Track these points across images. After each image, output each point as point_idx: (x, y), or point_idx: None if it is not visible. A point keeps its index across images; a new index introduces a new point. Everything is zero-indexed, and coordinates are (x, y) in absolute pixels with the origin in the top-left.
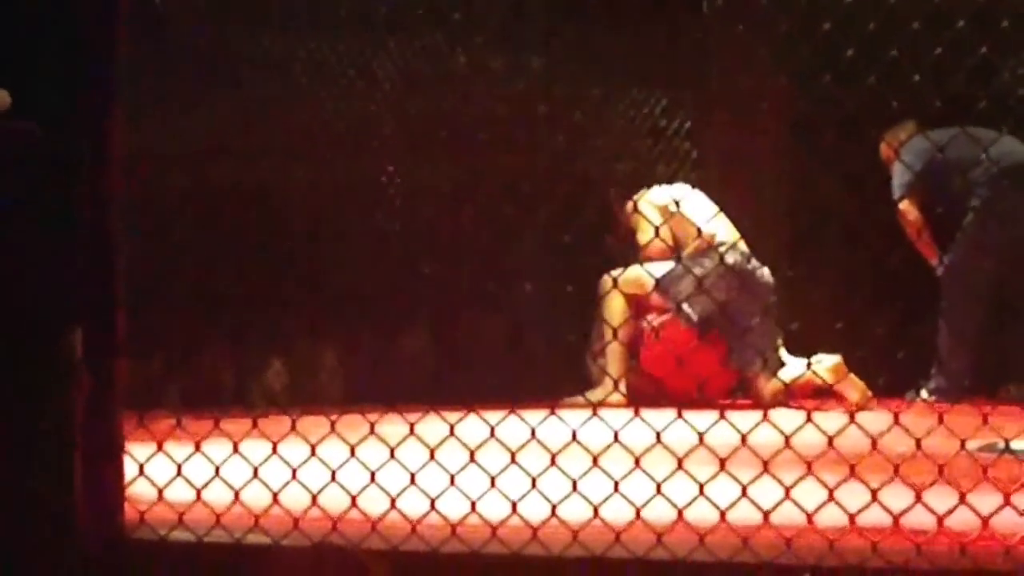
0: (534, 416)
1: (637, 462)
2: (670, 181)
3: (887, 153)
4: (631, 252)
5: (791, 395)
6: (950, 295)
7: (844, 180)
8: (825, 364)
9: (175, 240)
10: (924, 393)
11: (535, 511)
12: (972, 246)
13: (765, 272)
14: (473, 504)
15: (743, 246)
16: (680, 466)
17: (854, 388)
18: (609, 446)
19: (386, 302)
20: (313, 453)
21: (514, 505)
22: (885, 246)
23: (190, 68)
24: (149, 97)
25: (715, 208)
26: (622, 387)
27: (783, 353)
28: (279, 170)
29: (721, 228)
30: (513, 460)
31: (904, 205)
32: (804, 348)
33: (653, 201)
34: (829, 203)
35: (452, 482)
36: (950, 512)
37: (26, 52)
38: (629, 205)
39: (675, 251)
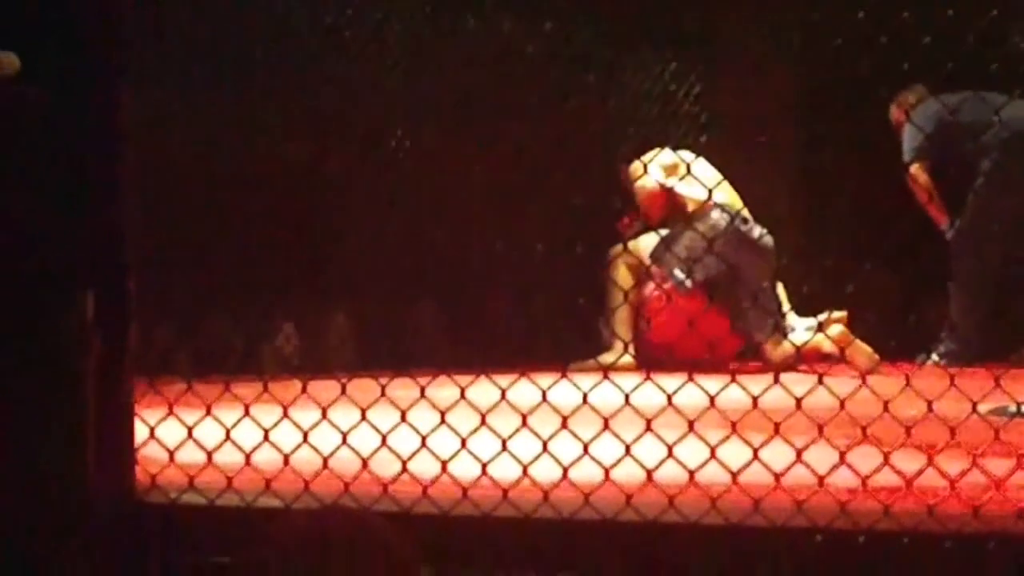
0: (545, 380)
1: (648, 425)
2: (675, 147)
3: (897, 116)
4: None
5: (800, 359)
6: (960, 259)
7: (854, 143)
8: (831, 332)
9: (184, 206)
10: (935, 357)
11: (546, 474)
12: (982, 210)
13: (766, 236)
14: (484, 467)
15: (744, 212)
16: (691, 429)
17: (860, 353)
18: (620, 409)
19: (396, 267)
20: (324, 416)
21: (525, 468)
22: (896, 210)
23: (200, 36)
24: (159, 64)
25: (718, 175)
26: (631, 350)
27: (792, 317)
28: (289, 136)
29: (721, 194)
30: (524, 423)
31: (914, 169)
32: (813, 312)
33: (660, 162)
34: (839, 167)
35: (463, 445)
36: (962, 475)
37: (36, 17)
38: (633, 167)
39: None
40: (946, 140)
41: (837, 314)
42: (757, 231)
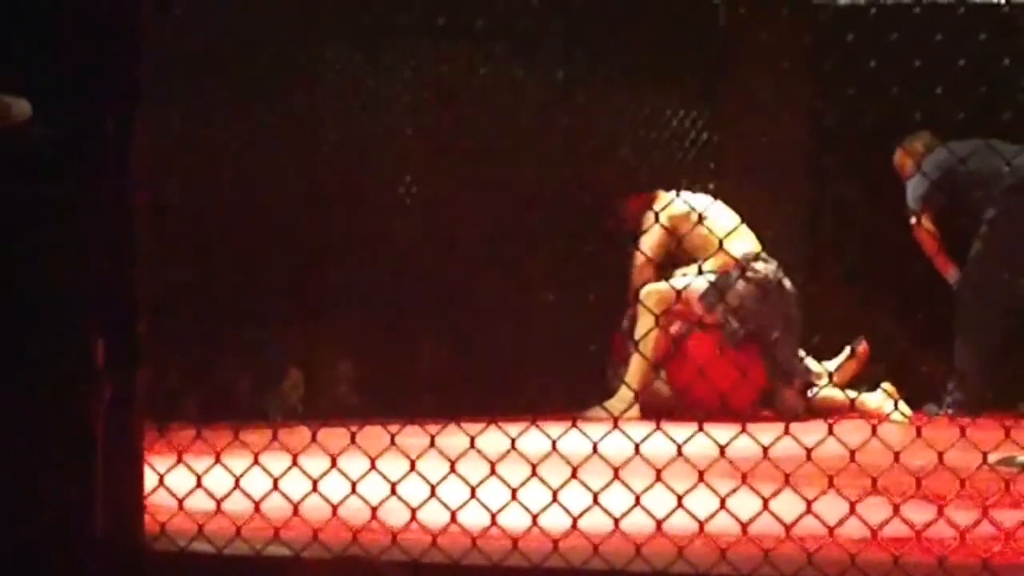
0: (554, 428)
1: (659, 475)
2: (690, 190)
3: (902, 162)
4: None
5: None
6: (967, 309)
7: (866, 190)
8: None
9: (190, 251)
10: (943, 407)
11: (555, 523)
12: (988, 258)
13: (789, 284)
14: (494, 516)
15: (766, 257)
16: (701, 479)
17: (896, 413)
18: (630, 459)
19: (404, 313)
20: (334, 465)
21: (535, 517)
22: (906, 257)
23: (206, 77)
24: (166, 107)
25: (736, 218)
26: (637, 400)
27: (811, 362)
28: (296, 180)
29: (745, 240)
30: (534, 473)
31: (917, 218)
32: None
33: (673, 212)
34: (850, 214)
35: (473, 494)
36: (973, 526)
37: (49, 60)
38: (650, 213)
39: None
40: (953, 188)
41: (857, 347)
42: (782, 276)
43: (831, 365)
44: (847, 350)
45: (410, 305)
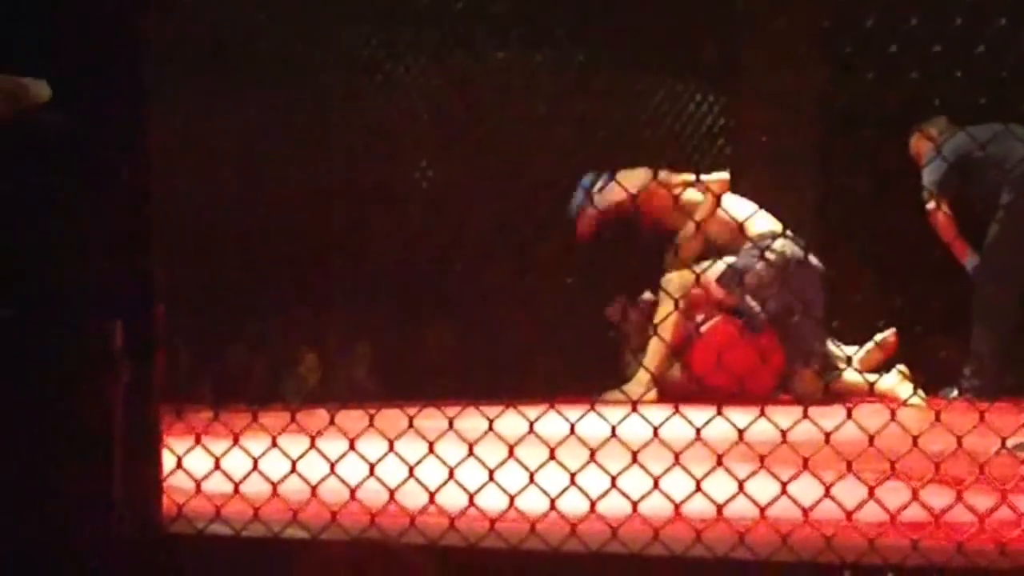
0: (572, 412)
1: (677, 459)
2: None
3: (918, 147)
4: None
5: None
6: (983, 294)
7: (880, 176)
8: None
9: (207, 233)
10: (956, 391)
11: (573, 507)
12: (1004, 244)
13: (814, 260)
14: (512, 499)
15: (789, 234)
16: (719, 463)
17: (907, 391)
18: (648, 443)
19: (420, 297)
20: (352, 447)
21: (553, 501)
22: (922, 242)
23: (219, 66)
24: (183, 95)
25: (753, 205)
26: (655, 385)
27: (833, 346)
28: (312, 167)
29: (765, 221)
30: (552, 456)
31: (933, 204)
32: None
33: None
34: (865, 199)
35: (491, 477)
36: (991, 511)
37: (64, 45)
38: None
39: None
40: (969, 173)
41: (882, 336)
42: (812, 256)
43: (859, 353)
44: (874, 340)
45: (426, 289)
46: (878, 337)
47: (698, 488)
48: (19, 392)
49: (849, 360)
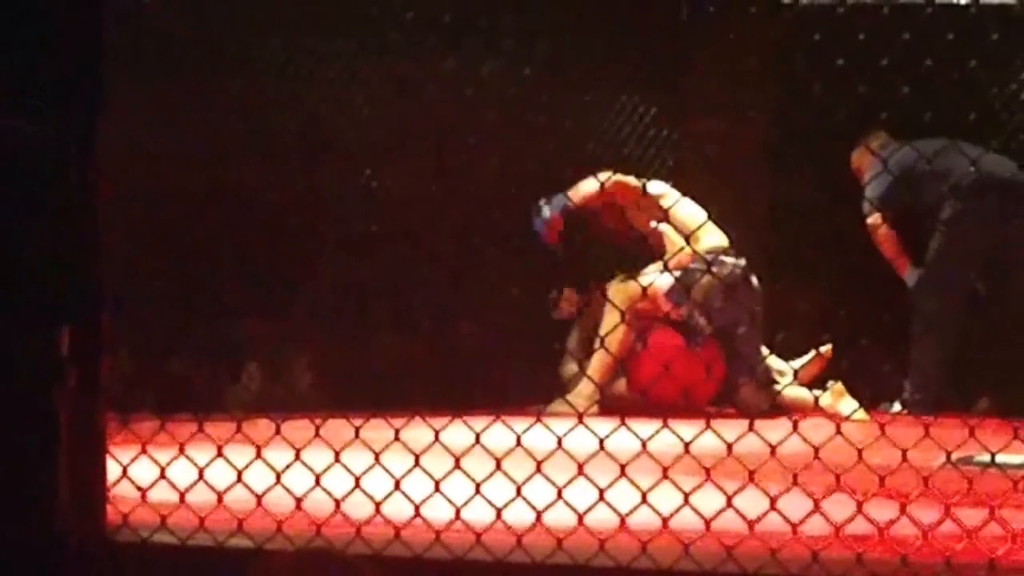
0: (518, 423)
1: (623, 471)
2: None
3: (858, 162)
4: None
5: (785, 409)
6: (923, 308)
7: (827, 190)
8: (829, 389)
9: (151, 241)
10: (897, 405)
11: (519, 518)
12: (944, 259)
13: (755, 279)
14: (458, 511)
15: (733, 253)
16: (665, 475)
17: (850, 410)
18: (594, 455)
19: (365, 307)
20: (297, 457)
21: (499, 512)
22: (865, 256)
23: (174, 66)
24: (133, 95)
25: (703, 214)
26: (598, 396)
27: (774, 360)
28: (260, 173)
29: (712, 234)
30: (498, 467)
31: (873, 219)
32: (788, 357)
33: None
34: (811, 213)
35: (437, 488)
36: (936, 525)
37: (12, 49)
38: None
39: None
40: (912, 187)
41: (822, 349)
42: (748, 272)
43: (795, 364)
44: (812, 352)
45: (371, 299)
46: (820, 349)
47: (644, 500)
48: None
49: (795, 373)
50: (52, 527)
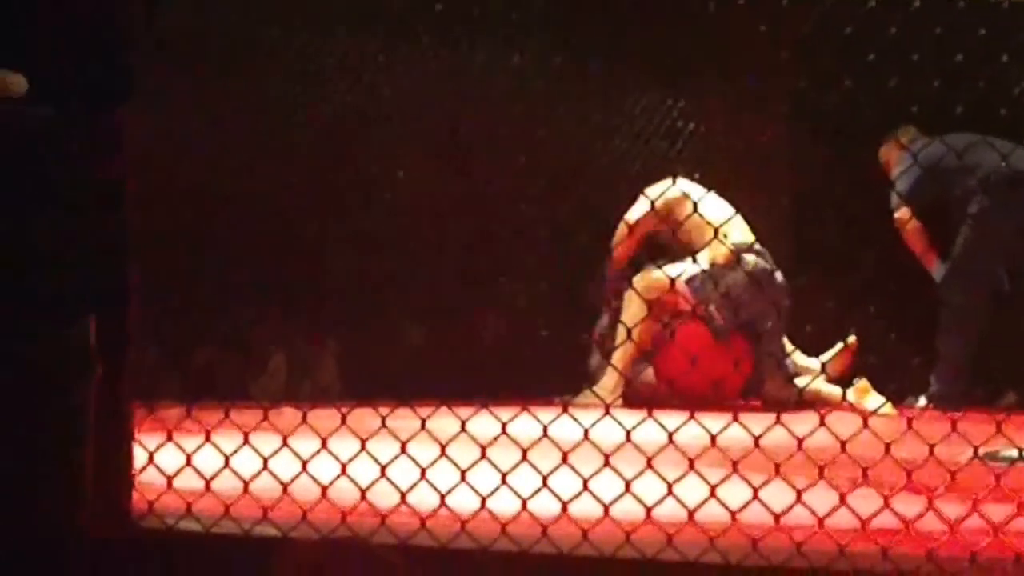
0: (545, 414)
1: (649, 462)
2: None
3: (887, 157)
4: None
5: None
6: (951, 303)
7: (853, 184)
8: (857, 385)
9: (176, 231)
10: (923, 400)
11: (545, 508)
12: (971, 254)
13: (780, 275)
14: (483, 500)
15: (759, 248)
16: (692, 467)
17: (876, 402)
18: (621, 446)
19: (392, 299)
20: (324, 446)
21: (524, 502)
22: (892, 251)
23: (199, 63)
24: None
25: (730, 209)
26: (621, 387)
27: (799, 356)
28: (286, 167)
29: (738, 231)
30: (524, 458)
31: (903, 213)
32: (815, 351)
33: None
34: (837, 207)
35: (463, 478)
36: (961, 520)
37: (42, 37)
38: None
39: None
40: (940, 181)
41: (848, 340)
42: (773, 268)
43: (823, 358)
44: (839, 344)
45: (398, 291)
46: (847, 341)
47: (670, 492)
48: None
49: (823, 367)
50: (78, 513)
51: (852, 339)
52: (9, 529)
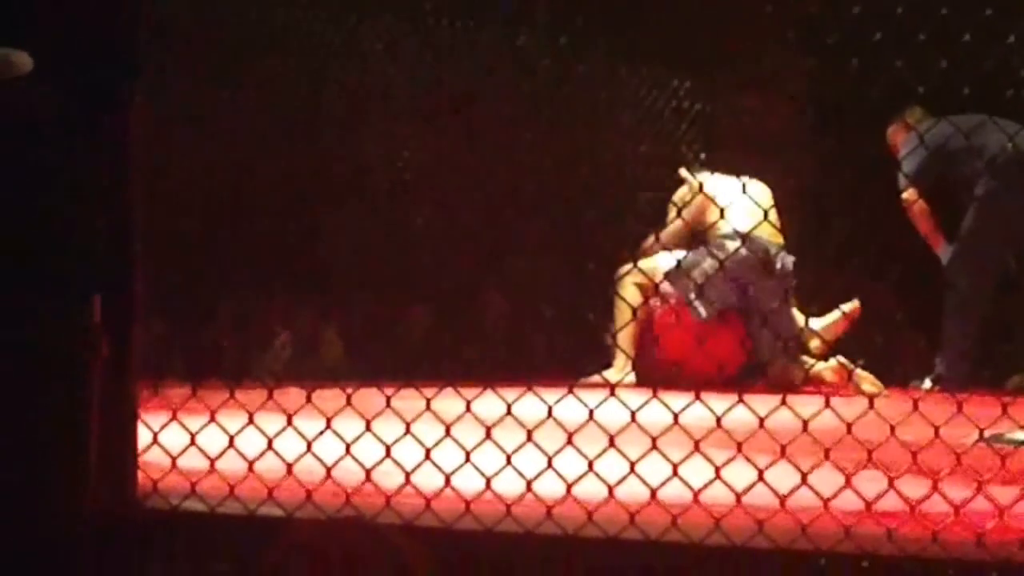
0: (550, 394)
1: (654, 443)
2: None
3: (894, 138)
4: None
5: (806, 382)
6: (957, 284)
7: (864, 166)
8: (831, 364)
9: (181, 211)
10: (927, 382)
11: (550, 489)
12: (978, 235)
13: (786, 259)
14: (488, 481)
15: (763, 234)
16: (697, 448)
17: (864, 381)
18: (626, 427)
19: (399, 278)
20: (328, 426)
21: (529, 483)
22: (900, 232)
23: (205, 42)
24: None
25: (769, 201)
26: (633, 367)
27: (811, 321)
28: (291, 146)
29: (741, 217)
30: (529, 438)
31: (910, 194)
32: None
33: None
34: (847, 189)
35: (468, 459)
36: (967, 502)
37: (48, 16)
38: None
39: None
40: (947, 162)
41: (848, 306)
42: (775, 252)
43: (820, 323)
44: (837, 310)
45: (406, 270)
46: (844, 307)
47: (675, 473)
48: None
49: (818, 335)
50: (82, 494)
51: (852, 305)
52: (14, 511)
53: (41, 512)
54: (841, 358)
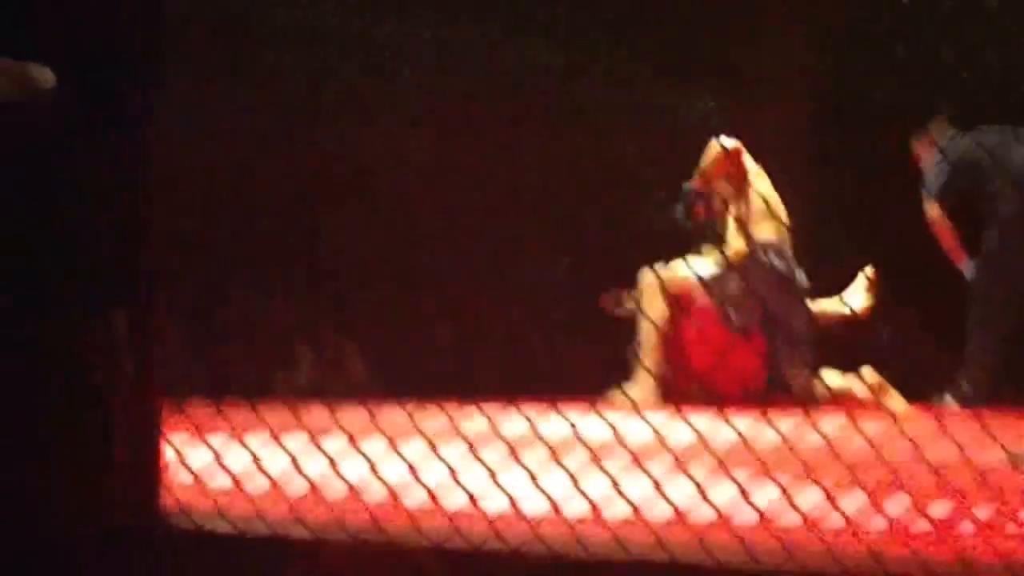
0: (574, 413)
1: (679, 463)
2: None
3: (918, 151)
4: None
5: (830, 399)
6: (979, 301)
7: (877, 175)
8: (866, 378)
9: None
10: (950, 398)
11: (576, 510)
12: (1003, 252)
13: (802, 275)
14: (513, 502)
15: (787, 247)
16: (722, 468)
17: (892, 399)
18: (650, 447)
19: (421, 294)
20: (352, 445)
21: (554, 504)
22: (921, 244)
23: (214, 50)
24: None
25: (774, 195)
26: (655, 383)
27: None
28: (310, 157)
29: (766, 228)
30: (554, 459)
31: (934, 209)
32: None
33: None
34: (857, 194)
35: (493, 479)
36: (993, 522)
37: (67, 28)
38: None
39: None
40: (968, 180)
41: (869, 270)
42: (795, 267)
43: (846, 295)
44: (861, 278)
45: (428, 286)
46: (865, 272)
47: (701, 494)
48: (19, 383)
49: (853, 311)
50: (107, 511)
51: (870, 270)
52: (38, 527)
53: (67, 532)
54: (868, 370)
